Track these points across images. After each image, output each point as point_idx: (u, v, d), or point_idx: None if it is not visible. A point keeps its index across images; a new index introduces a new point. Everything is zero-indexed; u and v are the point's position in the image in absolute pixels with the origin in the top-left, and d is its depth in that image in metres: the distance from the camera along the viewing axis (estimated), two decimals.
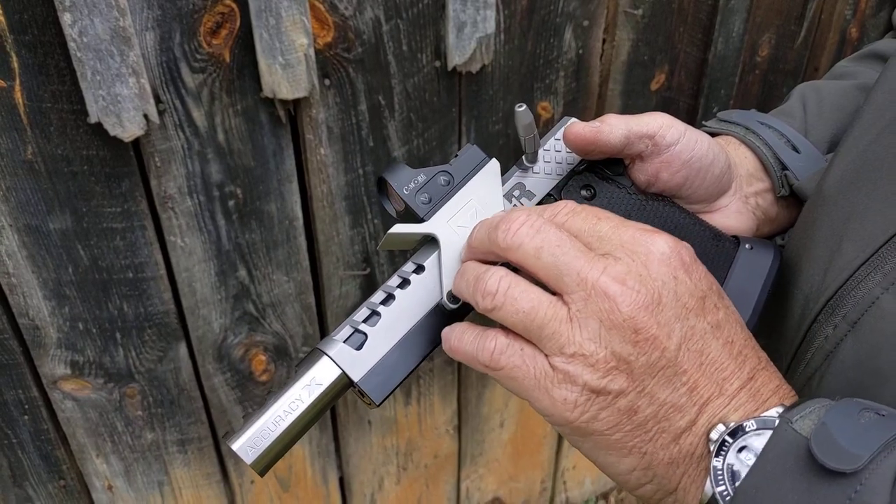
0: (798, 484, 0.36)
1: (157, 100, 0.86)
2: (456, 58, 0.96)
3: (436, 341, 0.53)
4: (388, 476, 1.41)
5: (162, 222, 0.95)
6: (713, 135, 0.63)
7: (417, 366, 0.53)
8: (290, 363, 1.15)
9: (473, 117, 1.05)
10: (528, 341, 0.43)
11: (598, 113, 1.16)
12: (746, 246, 0.56)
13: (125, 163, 0.89)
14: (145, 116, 0.84)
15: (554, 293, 0.43)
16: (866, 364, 0.44)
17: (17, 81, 0.80)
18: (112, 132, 0.83)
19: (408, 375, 0.52)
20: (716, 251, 0.55)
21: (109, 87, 0.81)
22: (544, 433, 1.55)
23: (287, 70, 0.87)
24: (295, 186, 0.99)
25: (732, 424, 0.39)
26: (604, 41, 1.10)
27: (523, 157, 0.56)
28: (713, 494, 0.39)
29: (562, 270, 0.42)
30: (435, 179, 0.54)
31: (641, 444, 0.41)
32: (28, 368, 1.00)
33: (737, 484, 0.38)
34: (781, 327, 0.53)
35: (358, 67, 0.94)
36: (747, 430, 0.39)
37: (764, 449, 0.38)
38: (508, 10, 0.99)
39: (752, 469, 0.38)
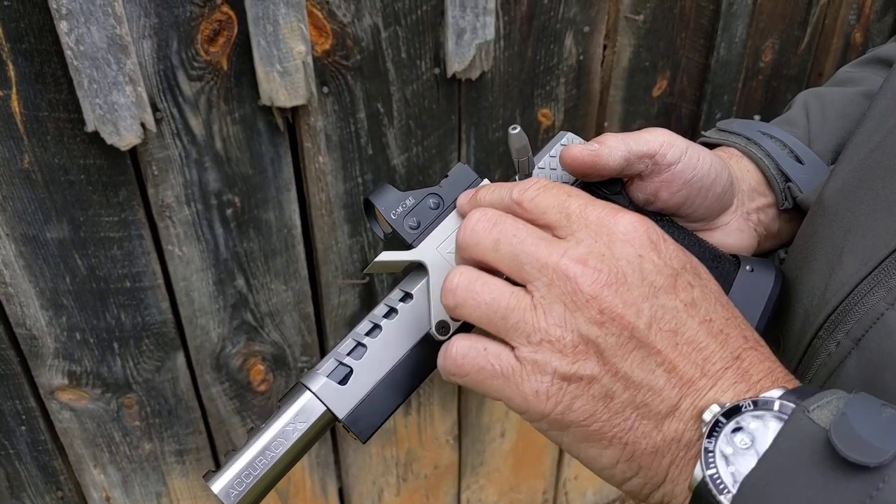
0: (813, 478, 0.33)
1: (155, 108, 0.85)
2: (455, 65, 0.96)
3: (423, 375, 0.51)
4: (387, 487, 1.40)
5: (159, 231, 0.94)
6: (713, 146, 0.62)
7: (405, 400, 0.51)
8: (289, 373, 1.14)
9: (473, 124, 1.05)
10: (493, 339, 0.42)
11: (599, 120, 1.15)
12: (747, 268, 0.54)
13: (122, 171, 0.88)
14: (142, 125, 0.83)
15: (520, 285, 0.42)
16: (872, 382, 0.42)
17: (14, 90, 0.80)
18: (109, 141, 0.83)
19: (395, 410, 0.50)
20: (715, 273, 0.54)
21: (106, 96, 0.80)
22: (546, 443, 1.54)
23: (285, 77, 0.87)
24: (293, 195, 0.99)
25: (728, 405, 0.37)
26: (605, 47, 1.09)
27: (516, 177, 0.54)
28: (703, 478, 0.36)
29: (521, 259, 0.41)
30: (424, 203, 0.52)
31: (621, 433, 0.39)
32: (25, 378, 0.99)
33: (735, 473, 0.35)
34: (781, 342, 0.52)
35: (356, 75, 0.93)
36: (743, 410, 0.37)
37: (776, 439, 0.35)
38: (508, 17, 0.98)
39: (762, 460, 0.35)
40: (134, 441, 1.11)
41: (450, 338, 0.50)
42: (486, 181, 0.53)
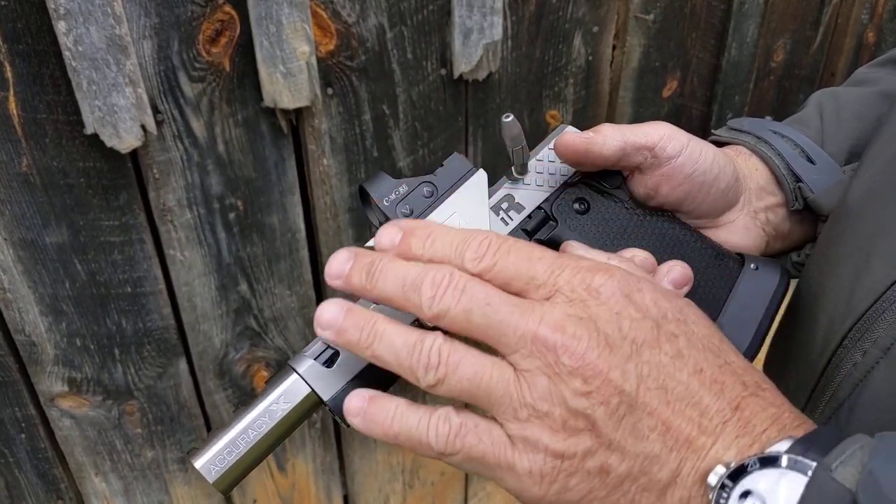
0: None
1: (155, 110, 0.84)
2: (462, 65, 0.94)
3: None
4: (393, 494, 1.38)
5: (161, 235, 0.93)
6: (722, 144, 0.60)
7: (392, 385, 0.50)
8: None
9: (480, 126, 1.03)
10: (483, 415, 0.39)
11: (609, 121, 1.13)
12: (752, 266, 0.52)
13: (122, 175, 0.87)
14: (143, 127, 0.82)
15: (497, 353, 0.39)
16: None
17: (12, 92, 0.78)
18: (109, 143, 0.81)
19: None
20: (717, 271, 0.52)
21: (106, 97, 0.78)
22: None
23: (288, 79, 0.85)
24: (297, 198, 0.97)
25: (733, 465, 0.34)
26: (614, 47, 1.07)
27: (512, 168, 0.53)
28: None
29: (497, 329, 0.38)
30: (418, 190, 0.52)
31: None
32: (24, 385, 0.98)
33: None
34: (803, 353, 0.50)
35: (361, 76, 0.92)
36: (749, 469, 0.34)
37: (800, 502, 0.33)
38: (516, 16, 0.96)
39: None
40: (136, 449, 1.09)
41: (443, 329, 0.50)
42: (480, 171, 0.52)
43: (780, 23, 1.17)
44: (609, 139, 0.49)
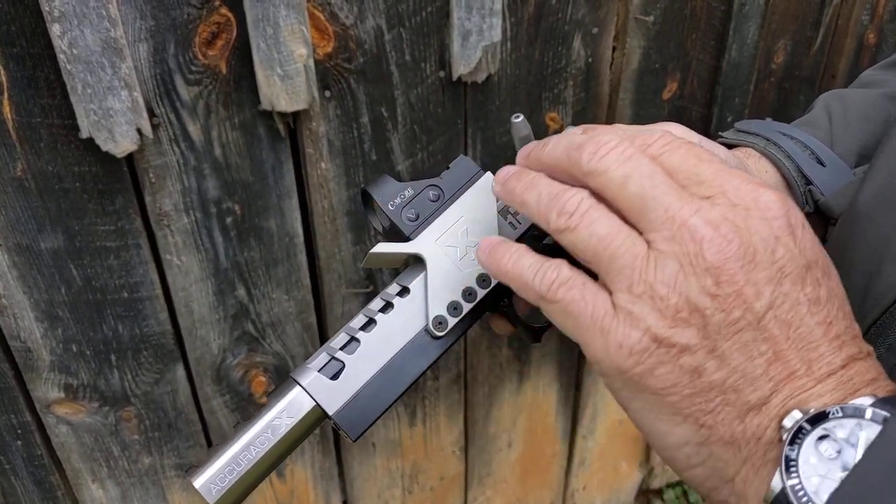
0: None
1: (151, 113, 0.83)
2: (461, 67, 0.93)
3: (419, 371, 0.49)
4: (392, 500, 1.37)
5: (157, 240, 0.92)
6: (730, 147, 0.59)
7: (399, 398, 0.49)
8: None
9: (480, 129, 1.02)
10: (592, 279, 0.39)
11: (608, 123, 1.13)
12: None
13: (118, 179, 0.86)
14: (139, 131, 0.81)
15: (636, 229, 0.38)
16: None
17: (6, 95, 0.78)
18: (104, 147, 0.80)
19: (388, 409, 0.48)
20: None
21: (101, 101, 0.78)
22: (553, 452, 1.51)
23: (286, 81, 0.84)
24: (295, 202, 0.96)
25: (812, 411, 0.34)
26: (614, 49, 1.06)
27: None
28: (783, 488, 0.33)
29: (648, 204, 0.37)
30: (423, 194, 0.51)
31: (700, 413, 0.36)
32: (20, 392, 0.97)
33: (820, 487, 0.32)
34: None
35: (359, 78, 0.91)
36: (830, 416, 0.33)
37: (868, 451, 0.32)
38: (515, 18, 0.95)
39: (854, 473, 0.32)
40: (133, 455, 1.08)
41: (447, 335, 0.49)
42: (488, 174, 0.51)
43: (780, 24, 1.16)
44: None
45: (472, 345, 1.23)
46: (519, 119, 0.48)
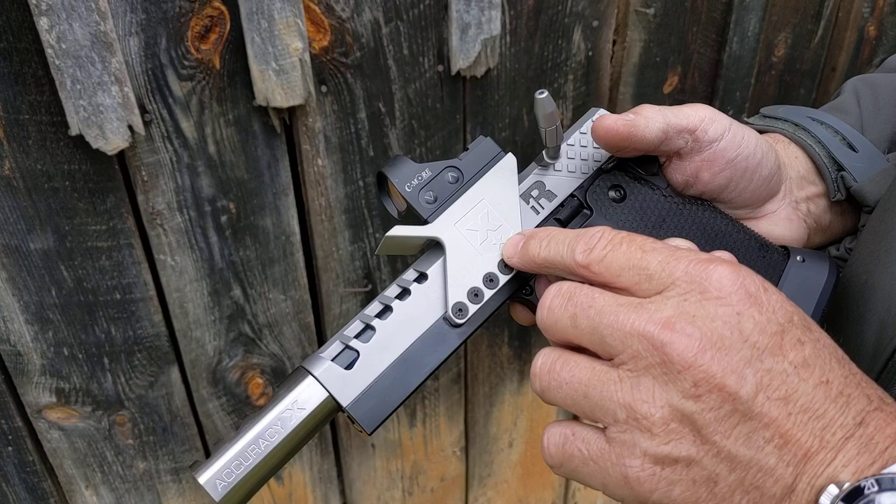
0: None
1: (143, 109, 0.81)
2: (460, 61, 0.91)
3: (438, 361, 0.47)
4: (392, 501, 1.35)
5: (150, 240, 0.89)
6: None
7: (417, 389, 0.47)
8: None
9: (479, 123, 1.00)
10: (585, 423, 0.39)
11: None
12: (798, 258, 0.50)
13: (109, 177, 0.84)
14: (130, 127, 0.79)
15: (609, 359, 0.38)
16: None
17: None
18: (94, 145, 0.78)
19: (405, 400, 0.46)
20: (762, 263, 0.49)
21: (91, 97, 0.75)
22: None
23: (281, 76, 0.82)
24: (291, 200, 0.94)
25: (847, 486, 0.32)
26: (614, 42, 1.05)
27: (543, 152, 0.50)
28: None
29: (602, 332, 0.37)
30: (442, 176, 0.48)
31: None
32: (11, 397, 0.94)
33: None
34: (851, 357, 0.47)
35: (356, 73, 0.89)
36: (866, 491, 0.31)
37: None
38: (514, 11, 0.94)
39: None
40: (127, 460, 1.06)
41: (468, 321, 0.47)
42: (509, 155, 0.49)
43: (781, 16, 1.15)
44: (651, 121, 0.46)
45: (472, 344, 1.22)
46: (543, 95, 0.45)
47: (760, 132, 0.56)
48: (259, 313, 1.01)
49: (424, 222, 0.47)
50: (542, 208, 0.50)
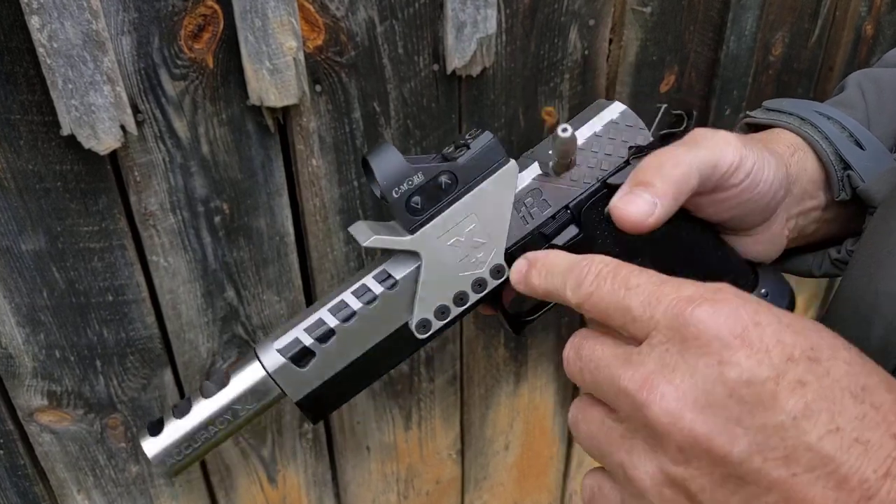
0: None
1: (136, 109, 0.80)
2: (455, 60, 0.90)
3: (392, 365, 0.47)
4: None
5: (143, 241, 0.89)
6: (760, 127, 0.55)
7: (367, 387, 0.48)
8: None
9: (474, 124, 0.99)
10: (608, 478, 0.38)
11: None
12: (762, 291, 0.50)
13: (102, 178, 0.83)
14: (122, 127, 0.78)
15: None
16: None
17: None
18: (86, 145, 0.77)
19: (354, 396, 0.48)
20: None
21: (83, 96, 0.74)
22: (551, 454, 1.49)
23: (275, 75, 0.81)
24: (285, 200, 0.93)
25: None
26: (610, 41, 1.04)
27: (550, 163, 0.48)
28: None
29: (603, 389, 0.35)
30: (434, 182, 0.45)
31: None
32: (2, 400, 0.93)
33: None
34: None
35: (351, 72, 0.88)
36: None
37: None
38: (510, 10, 0.93)
39: None
40: (120, 464, 1.05)
41: (430, 338, 0.46)
42: (511, 163, 0.47)
43: (778, 15, 1.14)
44: (666, 201, 0.42)
45: (468, 345, 1.21)
46: (567, 133, 0.43)
47: (765, 126, 0.54)
48: (253, 315, 1.00)
49: (406, 232, 0.46)
50: (532, 218, 0.47)
